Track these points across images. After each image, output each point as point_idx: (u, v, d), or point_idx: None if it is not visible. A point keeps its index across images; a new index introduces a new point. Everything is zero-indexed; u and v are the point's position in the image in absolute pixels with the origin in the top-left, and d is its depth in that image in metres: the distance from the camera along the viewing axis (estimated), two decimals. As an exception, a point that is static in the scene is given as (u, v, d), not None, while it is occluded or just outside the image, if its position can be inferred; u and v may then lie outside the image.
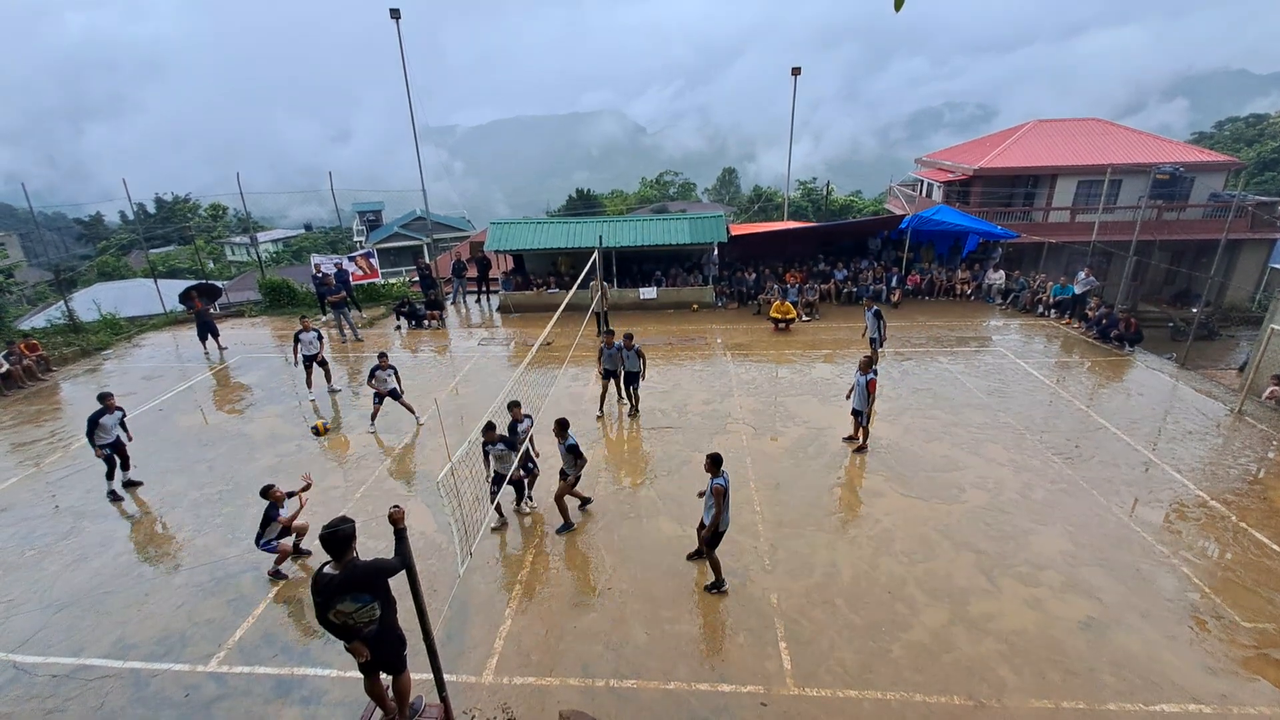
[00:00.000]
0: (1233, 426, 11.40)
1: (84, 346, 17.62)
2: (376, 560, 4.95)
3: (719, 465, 7.20)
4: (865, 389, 10.16)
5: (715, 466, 7.19)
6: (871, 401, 10.28)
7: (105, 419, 9.77)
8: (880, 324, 13.79)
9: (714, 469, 7.19)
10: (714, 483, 7.15)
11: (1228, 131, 79.63)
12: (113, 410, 9.90)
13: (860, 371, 10.25)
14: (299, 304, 21.75)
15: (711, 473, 7.20)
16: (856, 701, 6.02)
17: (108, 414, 9.81)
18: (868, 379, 10.10)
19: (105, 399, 9.91)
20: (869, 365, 10.23)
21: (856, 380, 10.36)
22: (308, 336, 13.38)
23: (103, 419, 9.75)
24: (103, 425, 9.75)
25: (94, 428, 9.69)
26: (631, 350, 11.67)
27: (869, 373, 10.13)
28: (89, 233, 66.18)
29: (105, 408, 9.82)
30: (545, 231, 20.94)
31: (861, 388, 10.22)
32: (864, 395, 10.22)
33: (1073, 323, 17.49)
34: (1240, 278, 26.21)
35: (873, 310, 13.82)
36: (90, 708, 6.21)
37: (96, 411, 9.75)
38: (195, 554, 8.54)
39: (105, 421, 9.77)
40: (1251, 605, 7.08)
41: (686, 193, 75.13)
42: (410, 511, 8.89)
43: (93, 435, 9.72)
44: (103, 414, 9.76)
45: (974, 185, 29.46)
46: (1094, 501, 9.11)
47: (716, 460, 7.20)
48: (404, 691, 5.49)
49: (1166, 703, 5.92)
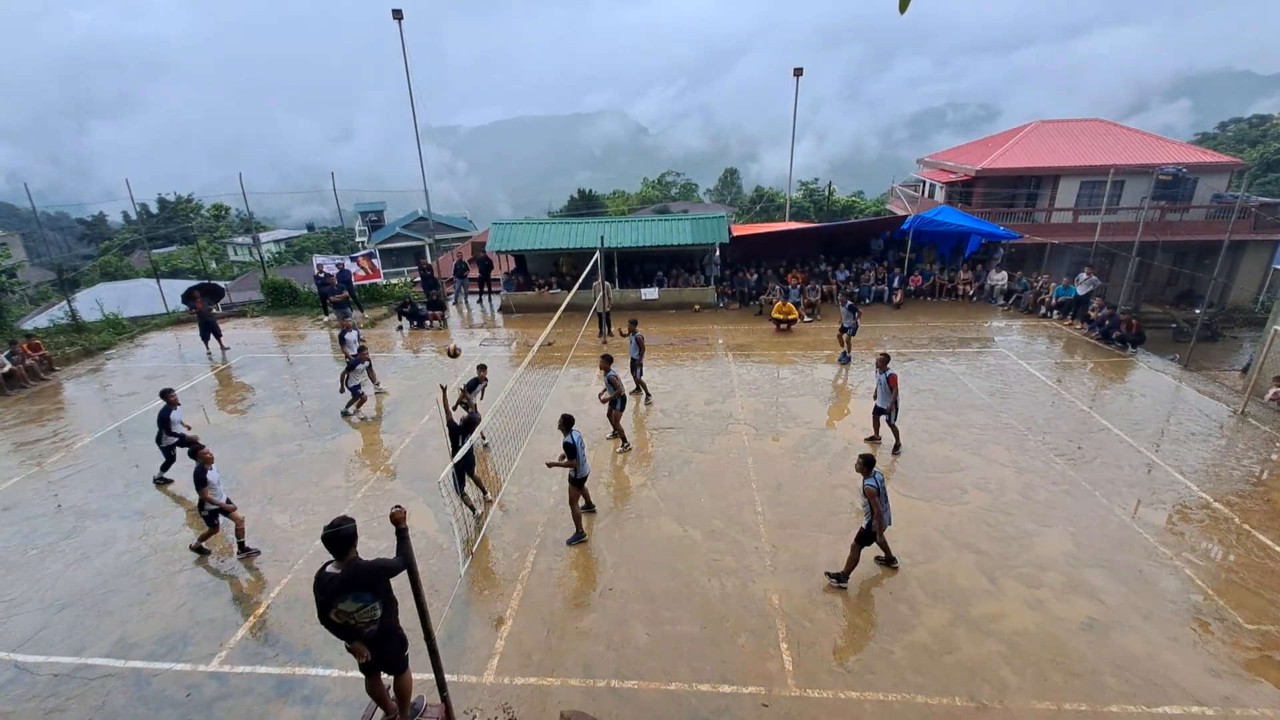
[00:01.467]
0: (1236, 428, 11.37)
1: (86, 346, 17.65)
2: (378, 560, 4.95)
3: (871, 466, 7.15)
4: (886, 385, 10.14)
5: (867, 467, 7.14)
6: (895, 396, 10.23)
7: (173, 414, 10.14)
8: (855, 315, 14.53)
9: (866, 469, 7.14)
10: (865, 484, 7.12)
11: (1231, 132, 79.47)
12: (175, 405, 10.22)
13: (879, 369, 10.28)
14: (301, 304, 21.79)
15: (863, 473, 7.16)
16: (858, 703, 6.01)
17: (173, 409, 10.16)
18: (887, 375, 10.11)
19: (168, 394, 10.22)
20: (886, 362, 10.27)
21: (877, 379, 10.38)
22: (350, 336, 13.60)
23: (171, 414, 10.11)
24: (171, 421, 10.11)
25: (165, 424, 10.07)
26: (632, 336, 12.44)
27: (886, 369, 10.16)
28: (92, 232, 66.32)
29: (169, 404, 10.14)
30: (547, 232, 20.95)
31: (883, 384, 10.22)
32: (886, 392, 10.20)
33: (1075, 324, 17.45)
34: (1243, 279, 26.13)
35: (848, 305, 14.66)
36: (92, 707, 6.22)
37: (165, 408, 10.10)
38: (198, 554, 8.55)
39: (174, 416, 10.14)
40: (1254, 607, 7.06)
41: (688, 193, 75.09)
42: (412, 511, 8.90)
43: (165, 429, 10.08)
44: (169, 410, 10.11)
45: (976, 186, 29.41)
46: (1096, 503, 9.09)
47: (869, 461, 7.16)
48: (405, 691, 5.49)
49: (1169, 705, 5.91)
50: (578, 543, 8.47)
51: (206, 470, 8.08)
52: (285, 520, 9.25)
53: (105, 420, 13.00)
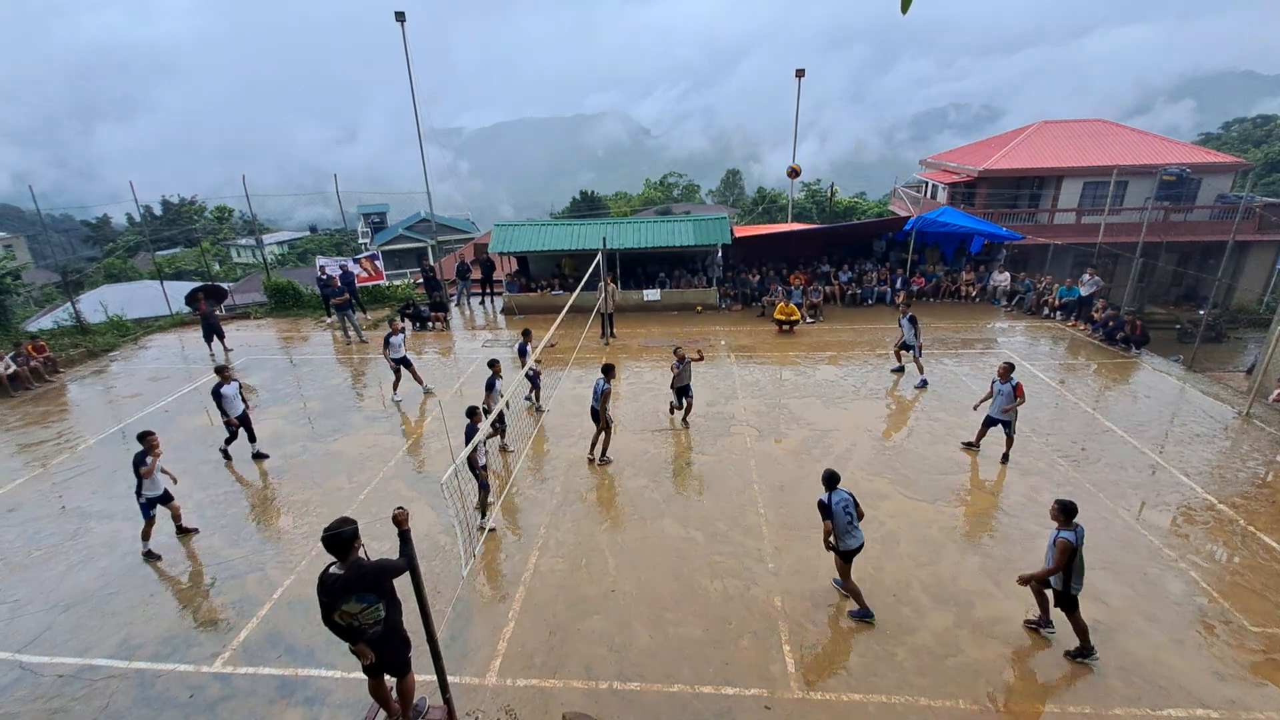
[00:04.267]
0: (1240, 429, 11.32)
1: (91, 348, 17.71)
2: (381, 561, 4.96)
3: (1071, 516, 5.94)
4: (1013, 394, 9.64)
5: (1067, 518, 5.94)
6: (1021, 403, 9.73)
7: (225, 389, 10.35)
8: (916, 329, 13.29)
9: (1065, 519, 5.95)
10: (1060, 535, 5.96)
11: (1235, 132, 79.34)
12: (229, 380, 10.44)
13: (1000, 379, 9.78)
14: (304, 306, 21.84)
15: (1059, 523, 6.00)
16: (861, 705, 5.99)
17: (226, 385, 10.37)
18: (1014, 384, 9.67)
19: (222, 371, 10.50)
20: (1010, 371, 9.81)
21: (998, 388, 9.80)
22: (396, 340, 13.15)
23: (223, 389, 10.32)
24: (225, 396, 10.34)
25: (219, 399, 10.30)
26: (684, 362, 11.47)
27: (1009, 379, 9.71)
28: (96, 234, 66.50)
29: (223, 379, 10.37)
30: (549, 233, 20.97)
31: (1008, 394, 9.66)
32: (1010, 401, 9.66)
33: (1078, 325, 17.41)
34: (1248, 280, 26.05)
35: (908, 316, 13.36)
36: (95, 708, 6.24)
37: (217, 384, 10.40)
38: (200, 554, 8.58)
39: (226, 392, 10.35)
40: (1260, 610, 7.03)
41: (691, 194, 75.15)
42: (414, 513, 8.88)
43: (220, 405, 10.39)
44: (221, 385, 10.34)
45: (979, 186, 29.38)
46: (1100, 505, 9.05)
47: (1068, 510, 5.94)
48: (408, 693, 5.49)
49: (1174, 708, 5.88)
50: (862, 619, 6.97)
51: (146, 457, 8.18)
52: (288, 521, 9.26)
53: (109, 422, 13.03)
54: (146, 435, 8.36)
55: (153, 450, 8.26)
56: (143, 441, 8.29)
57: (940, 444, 10.86)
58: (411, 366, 13.56)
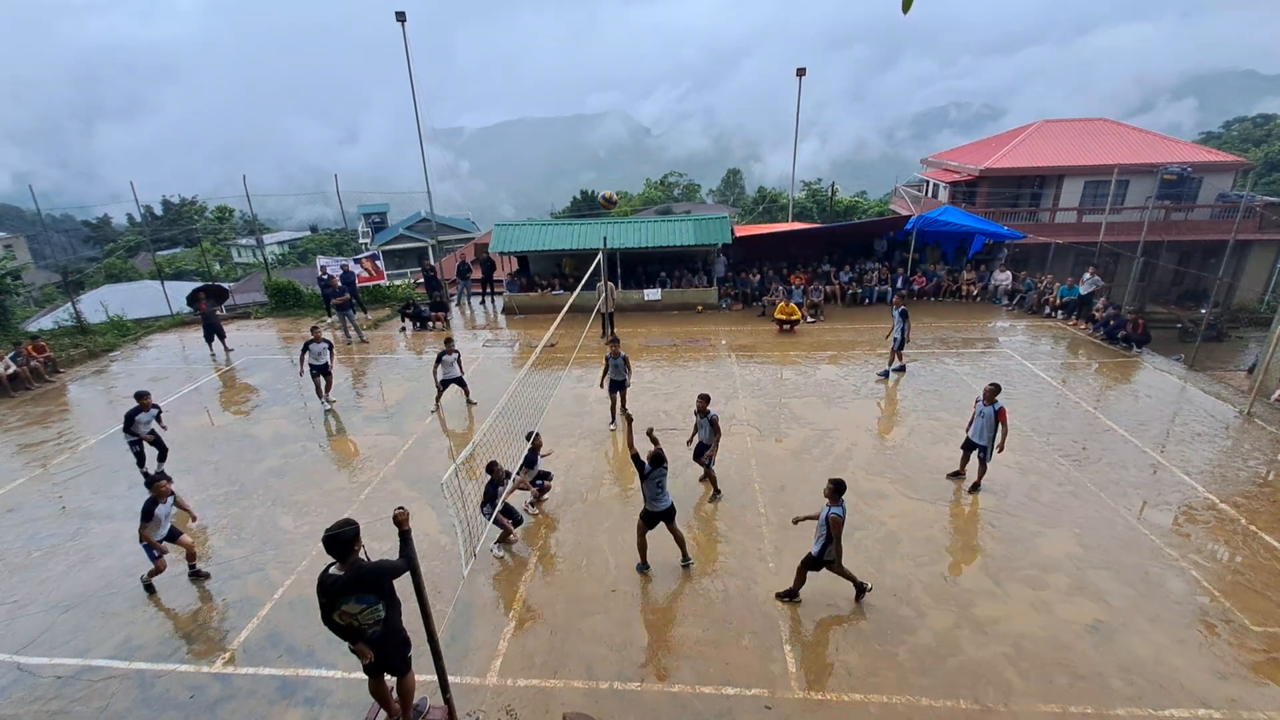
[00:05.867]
0: (1242, 429, 11.30)
1: (91, 348, 17.72)
2: (381, 561, 4.95)
3: (840, 493, 6.68)
4: (994, 419, 8.83)
5: (836, 494, 6.66)
6: (1003, 434, 8.90)
7: (140, 416, 10.15)
8: (905, 325, 13.37)
9: (834, 496, 6.68)
10: (831, 512, 6.68)
11: (1235, 132, 79.22)
12: (147, 409, 10.25)
13: (985, 400, 8.89)
14: (305, 305, 21.84)
15: (830, 500, 6.71)
16: (861, 705, 5.98)
17: (142, 411, 10.18)
18: (996, 409, 8.82)
19: (141, 398, 10.27)
20: (995, 393, 8.88)
21: (980, 410, 8.99)
22: (317, 348, 12.95)
23: (138, 416, 10.13)
24: (138, 422, 10.15)
25: (130, 423, 10.12)
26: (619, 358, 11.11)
27: (995, 401, 8.84)
28: (96, 234, 66.54)
29: (140, 406, 10.17)
30: (550, 233, 20.96)
31: (990, 418, 8.85)
32: (991, 427, 8.88)
33: (1079, 324, 17.39)
34: (1249, 279, 26.01)
35: (900, 310, 13.45)
36: (95, 709, 6.23)
37: (132, 409, 10.14)
38: (201, 554, 8.55)
39: (140, 419, 10.16)
40: (1261, 609, 7.01)
41: (691, 194, 75.03)
42: (414, 513, 8.86)
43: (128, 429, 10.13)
44: (138, 411, 10.14)
45: (980, 185, 29.33)
46: (1101, 504, 9.04)
47: (839, 488, 6.68)
48: (408, 693, 5.49)
49: (1175, 707, 5.87)
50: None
51: (157, 504, 7.40)
52: (289, 522, 9.25)
53: (110, 422, 13.01)
54: (155, 481, 7.56)
55: (162, 497, 7.46)
56: (151, 488, 7.50)
57: (941, 444, 10.84)
58: (329, 376, 13.18)
